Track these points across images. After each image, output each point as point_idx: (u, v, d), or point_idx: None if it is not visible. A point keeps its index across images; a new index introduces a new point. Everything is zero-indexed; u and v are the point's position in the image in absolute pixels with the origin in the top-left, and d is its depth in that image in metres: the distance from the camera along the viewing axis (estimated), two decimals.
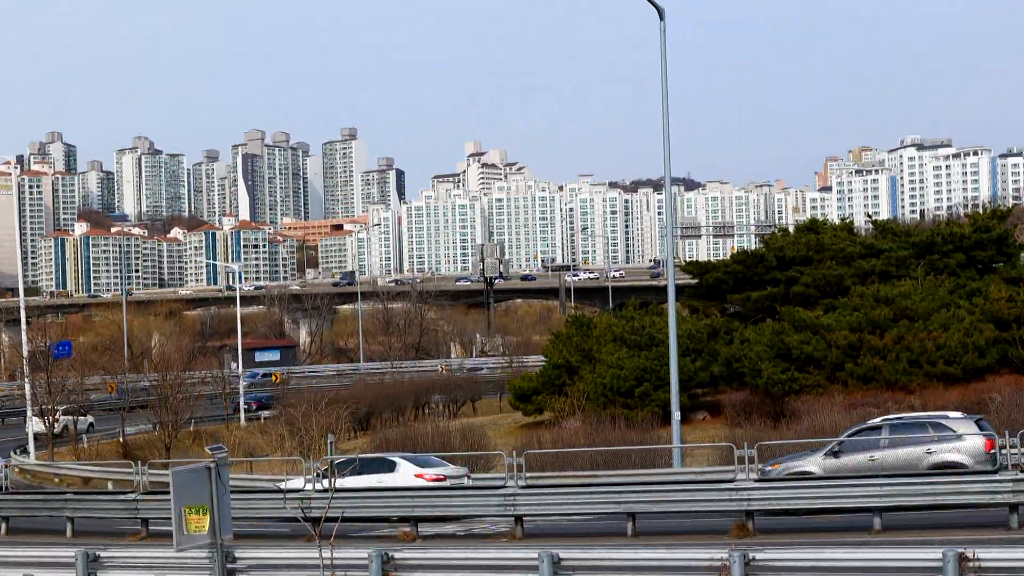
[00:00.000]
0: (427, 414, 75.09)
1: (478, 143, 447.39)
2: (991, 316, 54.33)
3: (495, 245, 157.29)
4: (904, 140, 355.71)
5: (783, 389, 53.04)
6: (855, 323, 54.36)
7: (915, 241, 63.01)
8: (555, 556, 18.02)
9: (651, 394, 54.69)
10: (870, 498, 28.91)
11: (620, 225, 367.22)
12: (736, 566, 16.54)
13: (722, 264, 68.12)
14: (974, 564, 15.53)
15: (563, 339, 63.77)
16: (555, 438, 49.31)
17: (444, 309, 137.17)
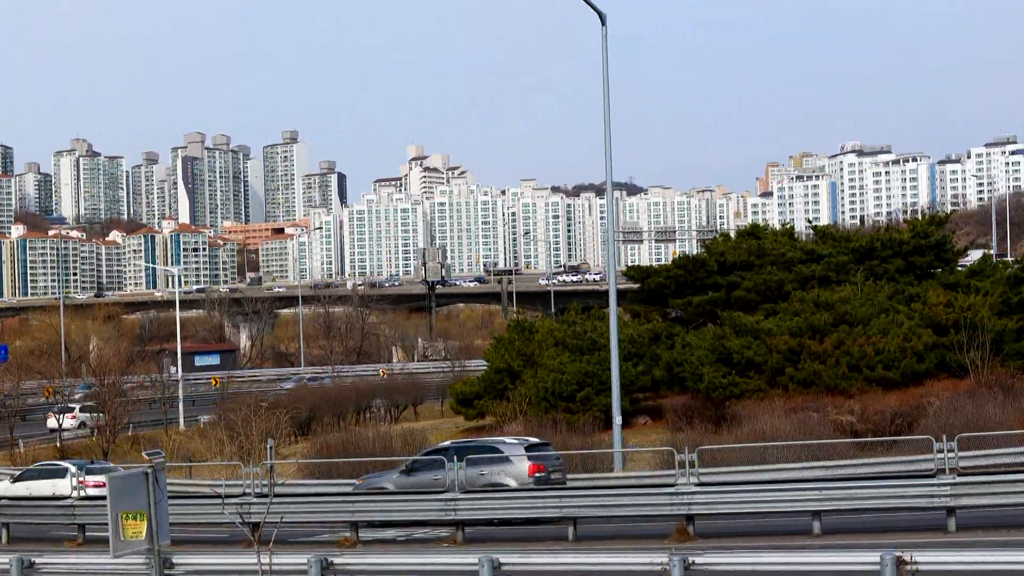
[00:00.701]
0: (368, 418, 74.75)
1: (420, 147, 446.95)
2: (929, 321, 54.82)
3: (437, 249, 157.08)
4: (844, 146, 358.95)
5: (724, 393, 53.26)
6: (795, 328, 54.69)
7: (855, 247, 63.49)
8: (495, 561, 17.96)
9: (593, 398, 54.75)
10: (809, 502, 29.12)
11: (563, 230, 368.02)
12: (676, 570, 16.55)
13: (664, 269, 68.35)
14: (911, 567, 15.64)
15: (505, 343, 63.74)
16: None
17: (386, 313, 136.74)
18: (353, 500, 33.06)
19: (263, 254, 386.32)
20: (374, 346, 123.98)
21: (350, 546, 31.33)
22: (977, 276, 58.63)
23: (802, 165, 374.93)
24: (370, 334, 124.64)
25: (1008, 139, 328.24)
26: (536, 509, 31.84)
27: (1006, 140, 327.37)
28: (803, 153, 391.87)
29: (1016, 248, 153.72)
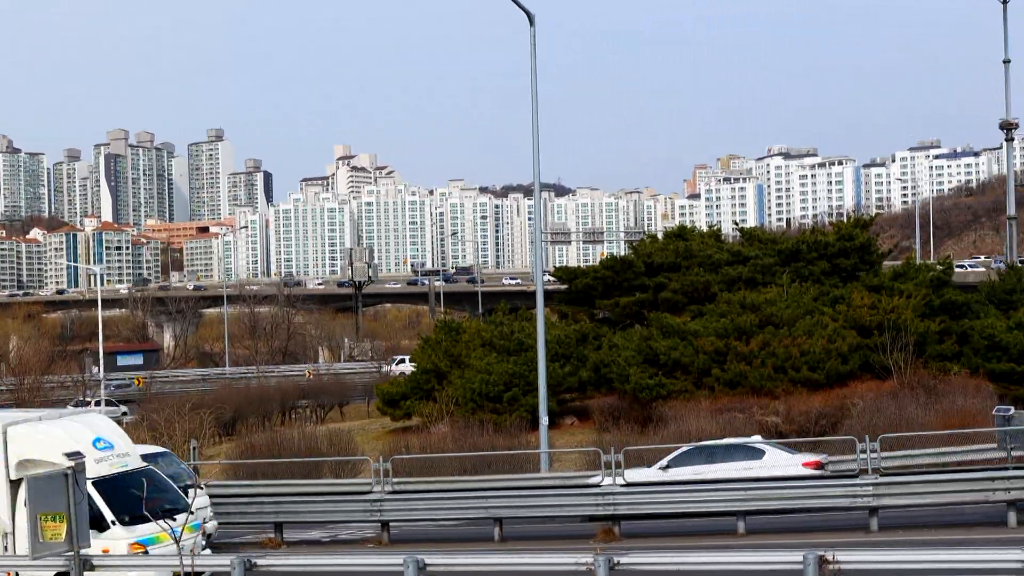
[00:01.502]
0: (294, 419, 74.26)
1: (347, 147, 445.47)
2: (854, 323, 55.36)
3: (364, 249, 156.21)
4: (771, 149, 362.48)
5: (651, 394, 53.44)
6: (722, 329, 55.01)
7: (781, 249, 63.96)
8: (420, 562, 17.86)
9: (520, 399, 54.73)
10: (733, 502, 29.31)
11: (491, 230, 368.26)
12: (601, 570, 16.54)
13: (591, 270, 68.46)
14: (833, 567, 15.75)
15: (432, 344, 63.55)
16: (423, 443, 49.08)
17: (312, 313, 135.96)
18: (278, 501, 32.80)
19: (187, 253, 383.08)
20: (300, 346, 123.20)
21: (275, 547, 31.10)
22: (900, 279, 59.28)
23: (729, 167, 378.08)
24: (296, 334, 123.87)
25: (932, 143, 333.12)
26: (462, 509, 31.80)
27: (930, 144, 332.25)
28: (730, 156, 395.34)
29: (939, 251, 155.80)
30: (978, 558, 16.06)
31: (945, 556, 16.26)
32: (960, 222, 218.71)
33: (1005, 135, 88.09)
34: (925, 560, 16.17)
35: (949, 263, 64.38)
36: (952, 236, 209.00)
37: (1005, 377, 51.61)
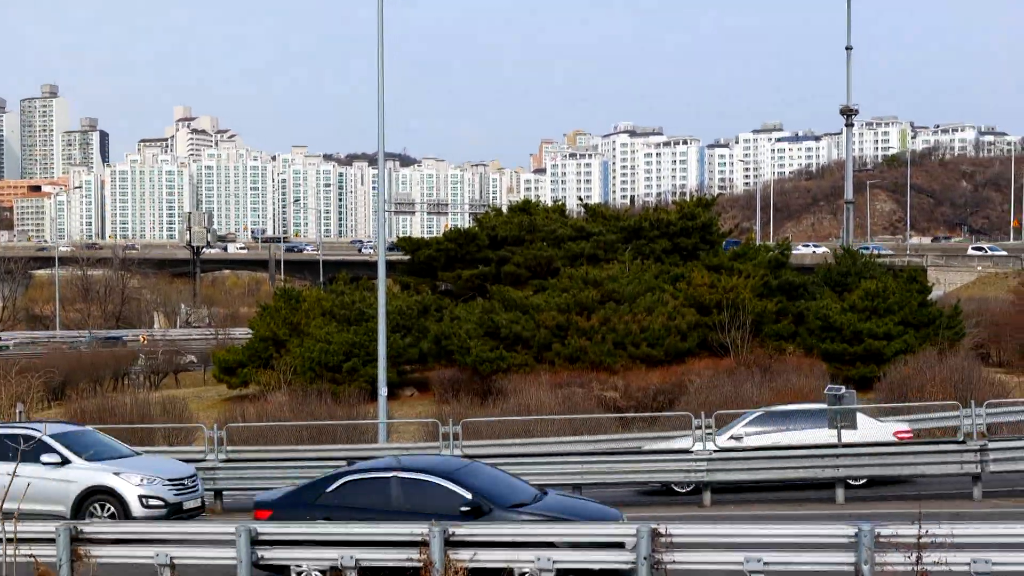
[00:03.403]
0: (127, 385, 72.77)
1: (188, 108, 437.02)
2: (693, 301, 56.11)
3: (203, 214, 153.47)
4: (618, 126, 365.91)
5: (491, 367, 53.48)
6: (563, 304, 55.25)
7: (624, 226, 64.46)
8: (253, 531, 17.55)
9: (359, 369, 54.37)
10: (571, 475, 29.46)
11: (334, 198, 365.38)
12: (436, 541, 16.42)
13: (435, 241, 68.22)
14: (666, 539, 15.86)
15: (271, 312, 62.73)
16: (260, 412, 48.31)
17: (148, 278, 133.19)
18: None
19: (18, 212, 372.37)
20: (135, 311, 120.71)
21: None
22: (740, 259, 60.25)
23: (576, 143, 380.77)
24: (131, 298, 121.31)
25: (775, 126, 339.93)
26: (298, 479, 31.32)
27: (773, 127, 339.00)
28: (577, 132, 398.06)
29: (778, 233, 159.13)
30: (807, 532, 16.27)
31: (775, 531, 16.44)
32: (799, 205, 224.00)
33: (845, 120, 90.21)
34: (753, 534, 16.33)
35: (787, 245, 65.63)
36: (791, 218, 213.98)
37: (838, 357, 52.82)
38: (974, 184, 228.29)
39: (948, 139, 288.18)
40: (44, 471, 24.75)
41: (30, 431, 25.38)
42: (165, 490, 25.19)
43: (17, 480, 23.46)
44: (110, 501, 24.75)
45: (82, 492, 24.75)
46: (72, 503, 24.64)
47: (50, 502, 24.42)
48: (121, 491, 24.79)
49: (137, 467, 25.75)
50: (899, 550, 15.00)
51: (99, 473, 25.01)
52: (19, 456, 23.57)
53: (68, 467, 24.98)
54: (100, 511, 24.65)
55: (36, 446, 24.70)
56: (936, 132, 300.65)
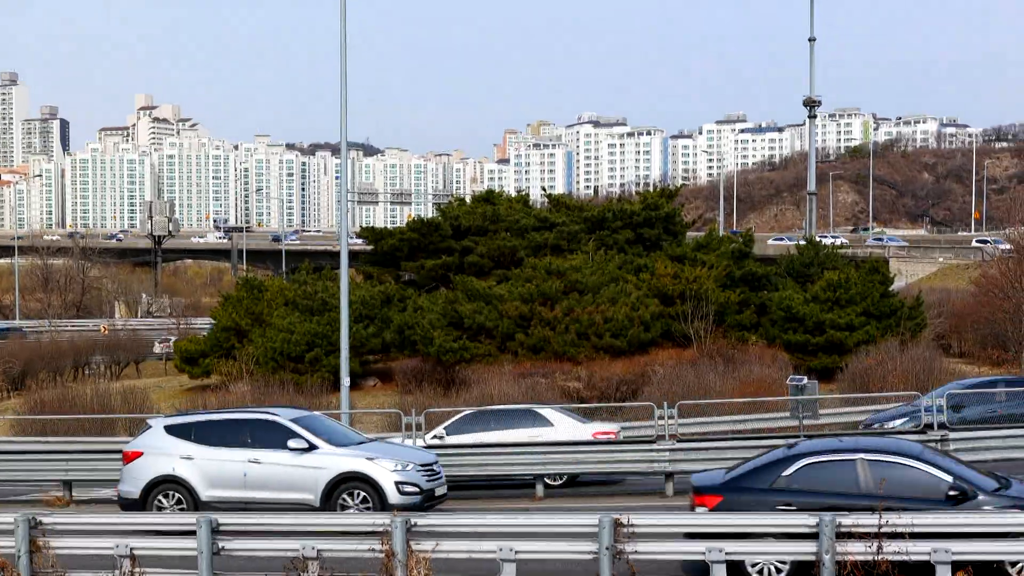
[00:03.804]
0: (88, 375, 72.30)
1: (150, 97, 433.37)
2: (656, 292, 56.23)
3: (165, 203, 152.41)
4: (581, 117, 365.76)
5: (454, 357, 53.46)
6: (527, 294, 55.27)
7: (587, 216, 64.52)
8: (214, 521, 17.43)
9: (322, 359, 54.23)
10: (532, 466, 29.43)
11: (296, 188, 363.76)
12: (398, 532, 16.36)
13: (398, 231, 68.11)
14: (628, 529, 15.85)
15: (233, 301, 62.51)
16: (221, 402, 48.13)
17: (109, 267, 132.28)
18: (68, 459, 31.83)
19: None
20: (96, 301, 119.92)
21: (63, 505, 30.20)
22: (703, 249, 60.42)
23: (540, 134, 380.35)
24: (91, 288, 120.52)
25: (738, 117, 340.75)
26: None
27: (736, 118, 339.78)
28: (541, 122, 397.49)
29: (741, 224, 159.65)
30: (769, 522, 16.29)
31: (737, 521, 16.46)
32: (763, 196, 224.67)
33: (808, 112, 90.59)
34: (718, 524, 16.35)
35: (750, 235, 65.85)
36: (755, 209, 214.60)
37: (800, 348, 53.06)
38: (936, 176, 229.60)
39: (910, 131, 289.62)
40: (290, 458, 23.24)
41: (268, 416, 24.20)
42: (419, 476, 23.46)
43: (260, 468, 23.26)
44: (363, 488, 22.98)
45: (333, 479, 22.98)
46: (322, 491, 22.97)
47: (297, 490, 23.04)
48: (377, 477, 22.99)
49: (385, 452, 24.12)
50: (860, 539, 15.04)
51: (350, 459, 23.31)
52: (253, 442, 23.16)
53: (315, 453, 23.26)
54: (351, 499, 22.97)
55: (280, 432, 23.54)
56: (898, 124, 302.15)
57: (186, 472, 23.63)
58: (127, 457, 24.52)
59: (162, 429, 24.44)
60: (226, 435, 23.85)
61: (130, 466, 24.32)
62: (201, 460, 23.60)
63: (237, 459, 23.38)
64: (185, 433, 24.09)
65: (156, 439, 24.30)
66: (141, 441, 24.63)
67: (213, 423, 24.39)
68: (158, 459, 23.89)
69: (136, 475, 24.10)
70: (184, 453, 23.74)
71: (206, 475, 23.51)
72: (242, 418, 24.56)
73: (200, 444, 23.79)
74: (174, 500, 23.65)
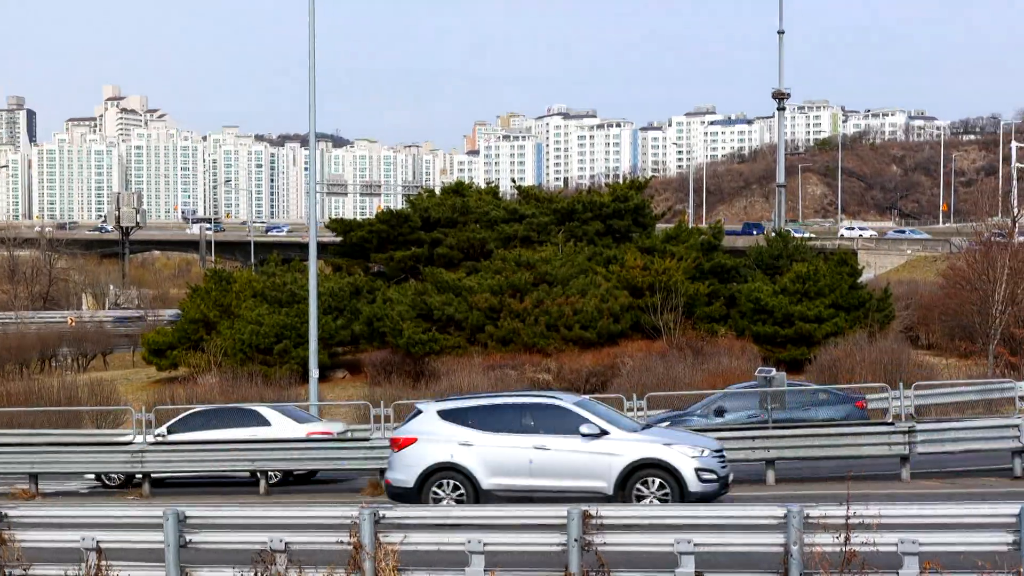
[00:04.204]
0: (55, 367, 71.89)
1: (117, 87, 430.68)
2: (626, 283, 56.31)
3: (132, 194, 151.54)
4: (551, 108, 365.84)
5: (424, 349, 53.42)
6: (496, 286, 55.26)
7: (557, 208, 64.55)
8: (181, 514, 17.30)
9: (291, 351, 54.10)
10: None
11: (265, 179, 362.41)
12: (366, 524, 16.28)
13: (367, 223, 68.01)
14: (596, 521, 15.84)
15: (201, 293, 62.25)
16: (190, 394, 48.01)
17: (76, 259, 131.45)
18: (34, 451, 31.69)
19: None
20: (63, 292, 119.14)
21: (29, 498, 30.02)
22: (672, 241, 60.52)
23: (509, 125, 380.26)
24: (58, 280, 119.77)
25: (708, 109, 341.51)
26: (227, 462, 31.16)
27: (706, 111, 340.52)
28: (511, 114, 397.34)
29: (711, 216, 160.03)
30: (737, 513, 16.30)
31: (705, 512, 16.47)
32: (732, 188, 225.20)
33: (777, 104, 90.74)
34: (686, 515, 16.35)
35: (719, 227, 65.98)
36: (724, 201, 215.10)
37: (769, 340, 53.23)
38: (904, 168, 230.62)
39: (879, 123, 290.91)
40: (581, 444, 21.88)
41: (553, 400, 22.99)
42: (715, 462, 22.21)
43: (547, 455, 21.99)
44: (661, 476, 21.66)
45: (628, 467, 21.67)
46: (615, 479, 21.67)
47: (588, 478, 21.76)
48: (676, 464, 21.67)
49: (677, 438, 23.06)
50: (828, 531, 15.06)
51: (646, 444, 22.06)
52: (536, 427, 22.24)
53: (607, 439, 21.93)
54: (647, 488, 21.71)
55: (567, 416, 22.26)
56: (867, 116, 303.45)
57: (466, 459, 22.15)
58: (398, 444, 22.94)
59: (435, 414, 22.93)
60: (507, 420, 22.54)
61: (402, 453, 22.73)
62: (482, 446, 22.16)
63: (522, 445, 22.02)
64: (461, 418, 22.69)
65: (430, 424, 22.79)
66: (413, 427, 23.02)
67: (492, 407, 23.05)
68: (434, 446, 22.36)
69: (410, 463, 22.50)
70: (463, 439, 22.27)
71: (487, 462, 22.09)
72: (525, 402, 23.17)
73: (479, 430, 22.38)
74: (452, 489, 22.19)
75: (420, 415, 23.20)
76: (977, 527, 15.14)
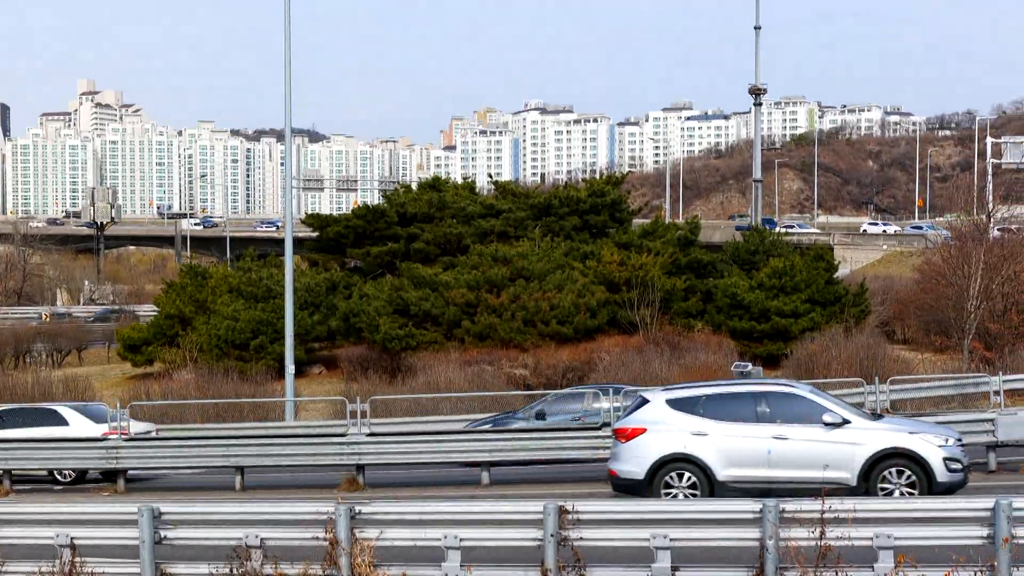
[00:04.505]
0: (29, 363, 71.53)
1: (92, 82, 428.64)
2: (603, 279, 56.32)
3: (107, 189, 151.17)
4: (528, 103, 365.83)
5: (400, 345, 53.32)
6: (473, 281, 55.19)
7: (533, 203, 64.47)
8: (155, 510, 17.20)
9: (267, 347, 53.94)
10: (478, 453, 29.40)
11: (241, 174, 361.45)
12: (342, 520, 16.24)
13: (344, 218, 67.81)
14: (573, 516, 15.81)
15: (177, 289, 62.03)
16: (165, 390, 47.91)
17: (51, 254, 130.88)
18: (7, 448, 31.53)
19: None
20: (37, 288, 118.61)
21: (3, 495, 29.97)
22: (649, 236, 60.54)
23: (486, 120, 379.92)
24: (33, 275, 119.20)
25: (685, 105, 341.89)
26: (203, 458, 31.10)
27: (683, 106, 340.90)
28: (487, 109, 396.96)
29: (687, 211, 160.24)
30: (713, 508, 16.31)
31: (682, 507, 16.50)
32: (709, 183, 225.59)
33: (754, 100, 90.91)
34: (663, 511, 16.37)
35: (696, 223, 66.06)
36: (701, 196, 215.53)
37: (745, 335, 53.32)
38: (880, 164, 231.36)
39: (855, 119, 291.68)
40: (823, 433, 21.13)
41: (789, 388, 22.34)
42: (960, 452, 21.42)
43: (787, 445, 21.23)
44: (909, 466, 20.88)
45: (872, 457, 20.89)
46: (859, 470, 20.89)
47: (830, 469, 20.86)
48: (924, 454, 20.90)
49: (920, 427, 22.26)
50: (803, 525, 15.09)
51: (892, 433, 21.29)
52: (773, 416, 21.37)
53: (849, 428, 21.17)
54: (895, 478, 20.89)
55: (805, 404, 21.48)
56: (843, 112, 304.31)
57: (700, 450, 21.36)
58: (625, 434, 22.17)
59: (664, 403, 22.15)
60: (741, 409, 21.70)
61: (631, 444, 21.94)
62: (717, 436, 21.36)
63: (760, 435, 21.25)
64: (691, 407, 21.87)
65: (659, 414, 22.00)
66: (641, 416, 22.20)
67: (724, 396, 22.19)
68: (665, 436, 21.58)
69: (639, 453, 21.72)
70: (696, 429, 21.48)
71: (723, 453, 21.30)
72: (761, 391, 22.22)
73: (712, 419, 21.58)
74: (686, 480, 21.45)
75: (647, 404, 22.43)
76: (952, 521, 15.17)
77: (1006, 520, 14.57)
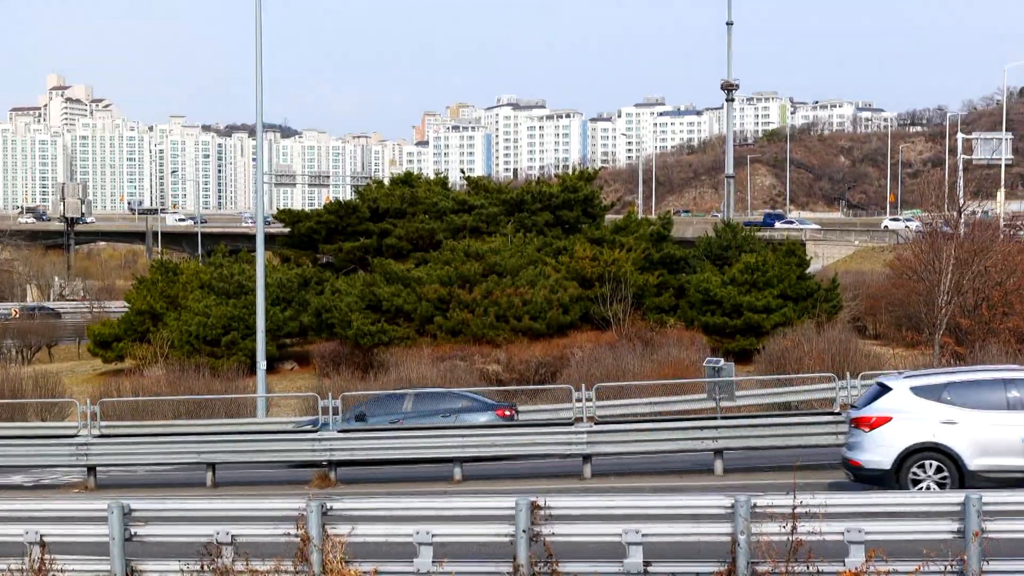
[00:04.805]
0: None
1: (62, 76, 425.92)
2: (575, 274, 56.33)
3: (78, 184, 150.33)
4: (500, 99, 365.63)
5: (373, 340, 53.23)
6: (445, 277, 55.12)
7: (506, 199, 64.41)
8: (126, 507, 17.12)
9: (239, 343, 53.79)
10: (450, 448, 29.36)
11: (213, 170, 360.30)
12: (313, 516, 16.19)
13: (316, 214, 67.56)
14: (545, 512, 15.82)
15: (148, 284, 61.79)
16: (136, 386, 47.64)
17: (20, 249, 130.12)
18: None
19: None
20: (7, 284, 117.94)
21: None
22: (622, 232, 60.58)
23: (459, 116, 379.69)
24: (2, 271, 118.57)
25: (657, 100, 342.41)
26: (174, 454, 30.99)
27: (655, 102, 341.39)
28: (460, 104, 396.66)
29: (660, 207, 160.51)
30: (685, 503, 16.33)
31: (654, 502, 16.49)
32: (681, 179, 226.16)
33: (726, 96, 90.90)
34: (635, 506, 16.36)
35: (668, 218, 66.12)
36: (673, 192, 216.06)
37: (718, 330, 53.40)
38: (852, 159, 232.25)
39: (827, 115, 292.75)
40: None
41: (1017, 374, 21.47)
42: None
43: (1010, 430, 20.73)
44: None
45: None
46: None
47: None
48: None
49: None
50: (775, 520, 15.12)
51: None
52: None
53: None
54: None
55: None
56: (815, 108, 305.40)
57: (949, 439, 20.72)
58: (869, 423, 21.47)
59: (908, 391, 21.42)
60: (990, 396, 21.06)
61: (875, 433, 21.30)
62: (967, 425, 20.71)
63: (1013, 423, 20.59)
64: (937, 395, 21.20)
65: (903, 402, 21.30)
66: (885, 404, 21.48)
67: (972, 383, 21.43)
68: (912, 425, 20.96)
69: (884, 443, 21.08)
70: (944, 417, 20.86)
71: (975, 442, 20.62)
72: (1010, 377, 21.51)
73: (959, 407, 20.94)
74: (934, 471, 20.82)
75: (890, 392, 21.75)
76: (922, 516, 15.24)
77: (976, 514, 14.65)
